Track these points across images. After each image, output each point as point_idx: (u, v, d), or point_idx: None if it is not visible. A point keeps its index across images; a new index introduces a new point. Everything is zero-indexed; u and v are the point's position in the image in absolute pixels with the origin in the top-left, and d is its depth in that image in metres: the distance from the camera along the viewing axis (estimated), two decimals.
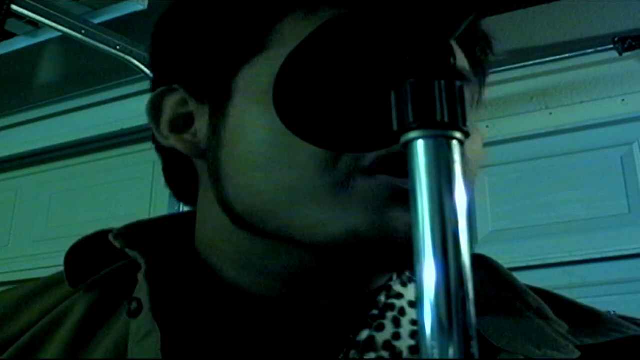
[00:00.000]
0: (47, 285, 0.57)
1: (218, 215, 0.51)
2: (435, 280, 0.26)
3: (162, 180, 0.59)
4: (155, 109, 0.55)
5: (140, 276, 0.50)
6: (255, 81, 0.49)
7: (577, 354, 0.47)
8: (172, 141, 0.53)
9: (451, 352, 0.26)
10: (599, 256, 1.83)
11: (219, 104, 0.51)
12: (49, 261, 1.87)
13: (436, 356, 0.26)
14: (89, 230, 0.54)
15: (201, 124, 0.52)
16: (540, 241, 1.87)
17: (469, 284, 0.27)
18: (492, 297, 0.51)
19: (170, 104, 0.54)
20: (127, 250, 0.52)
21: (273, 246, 0.49)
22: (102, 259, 0.55)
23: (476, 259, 0.55)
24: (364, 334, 0.48)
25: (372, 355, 0.47)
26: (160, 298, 0.49)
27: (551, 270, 1.79)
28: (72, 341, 0.51)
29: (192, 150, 0.53)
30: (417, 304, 0.27)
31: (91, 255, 0.54)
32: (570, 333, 0.49)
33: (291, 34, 0.48)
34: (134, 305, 0.48)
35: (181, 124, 0.53)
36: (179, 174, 0.57)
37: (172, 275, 0.53)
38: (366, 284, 0.52)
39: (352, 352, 0.47)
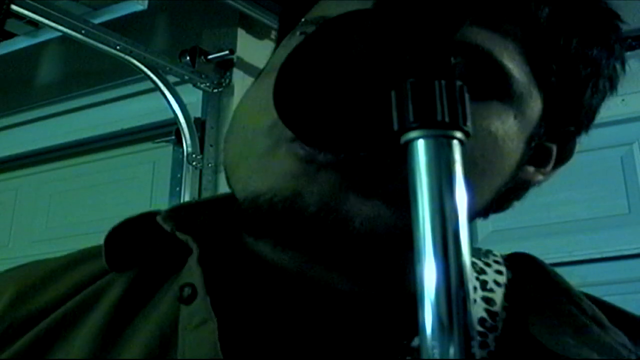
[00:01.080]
0: (76, 260, 0.56)
1: None
2: (435, 280, 0.26)
3: (162, 180, 0.59)
4: None
5: (193, 261, 0.48)
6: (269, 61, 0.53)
7: None
8: None
9: (451, 352, 0.26)
10: (599, 256, 1.83)
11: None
12: None
13: (436, 356, 0.26)
14: (89, 230, 0.54)
15: None
16: (540, 241, 1.87)
17: (469, 284, 0.27)
18: (544, 299, 0.49)
19: None
20: (177, 233, 0.50)
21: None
22: (143, 240, 0.53)
23: (520, 257, 0.54)
24: (418, 341, 0.45)
25: None
26: (211, 284, 0.47)
27: None
28: (109, 322, 0.49)
29: None
30: (417, 303, 0.27)
31: (132, 237, 0.53)
32: (630, 343, 0.47)
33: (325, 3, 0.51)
34: (188, 291, 0.46)
35: None
36: None
37: (221, 261, 0.51)
38: (398, 278, 0.49)
39: (408, 358, 0.45)
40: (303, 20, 0.50)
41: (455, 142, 0.28)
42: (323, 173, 0.44)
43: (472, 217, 0.50)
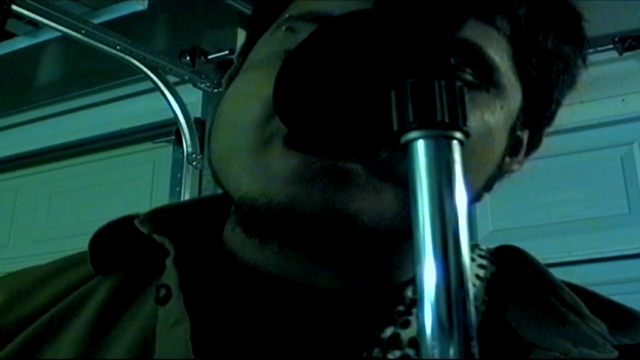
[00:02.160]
0: (65, 265, 0.56)
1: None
2: (435, 280, 0.26)
3: (162, 180, 0.59)
4: None
5: (169, 262, 0.49)
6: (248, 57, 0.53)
7: (615, 353, 0.44)
8: None
9: (451, 352, 0.26)
10: (599, 256, 1.83)
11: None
12: (49, 261, 1.86)
13: (436, 356, 0.26)
14: (89, 230, 0.54)
15: None
16: (540, 241, 1.87)
17: (469, 284, 0.27)
18: (525, 291, 0.50)
19: None
20: (154, 235, 0.51)
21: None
22: (127, 243, 0.54)
23: (507, 250, 0.54)
24: (388, 331, 0.47)
25: (397, 353, 0.46)
26: (188, 285, 0.48)
27: (551, 270, 1.79)
28: (94, 326, 0.50)
29: None
30: (417, 303, 0.27)
31: (116, 240, 0.53)
32: (607, 332, 0.47)
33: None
34: (163, 292, 0.47)
35: None
36: None
37: (200, 262, 0.52)
38: (389, 273, 0.50)
39: (376, 350, 0.46)
40: (287, 16, 0.50)
41: (455, 142, 0.28)
42: (319, 179, 0.44)
43: None
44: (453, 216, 0.27)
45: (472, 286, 0.50)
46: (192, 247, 0.52)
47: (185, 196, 1.95)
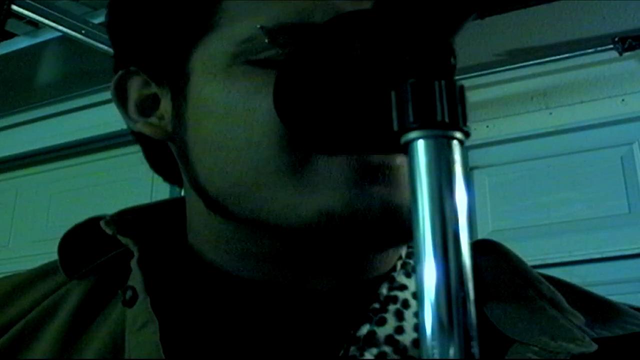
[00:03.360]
0: (42, 273, 0.56)
1: (195, 199, 0.51)
2: (435, 280, 0.26)
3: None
4: (120, 92, 0.54)
5: (133, 264, 0.49)
6: (209, 62, 0.48)
7: (594, 346, 0.45)
8: (140, 125, 0.52)
9: (451, 352, 0.26)
10: (599, 256, 1.83)
11: (177, 86, 0.50)
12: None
13: (436, 356, 0.26)
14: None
15: (165, 106, 0.52)
16: (540, 241, 1.87)
17: (469, 284, 0.27)
18: (503, 284, 0.50)
19: (135, 86, 0.53)
20: (119, 237, 0.51)
21: (251, 229, 0.48)
22: (98, 246, 0.53)
23: (484, 244, 0.54)
24: (364, 329, 0.47)
25: (374, 350, 0.46)
26: (155, 286, 0.48)
27: (551, 270, 1.78)
28: (67, 331, 0.50)
29: (161, 134, 0.52)
30: (417, 303, 0.27)
31: (86, 243, 0.53)
32: (586, 325, 0.47)
33: (238, 11, 0.47)
34: (129, 293, 0.47)
35: (147, 106, 0.52)
36: (159, 158, 0.56)
37: (164, 263, 0.51)
38: (362, 268, 0.50)
39: (352, 348, 0.46)
40: (259, 26, 0.46)
41: (455, 142, 0.28)
42: (378, 176, 0.45)
43: None
44: (453, 216, 0.27)
45: None
46: (157, 248, 0.52)
47: None
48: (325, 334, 0.48)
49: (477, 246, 0.54)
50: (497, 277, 0.50)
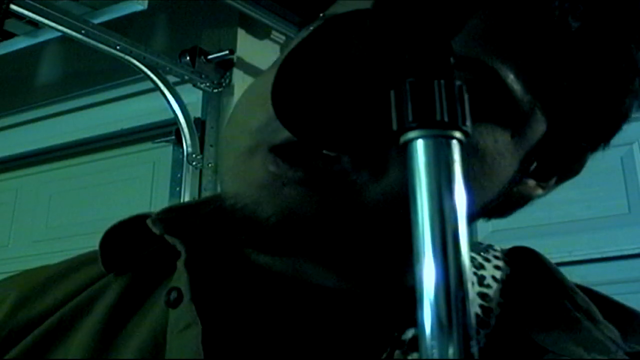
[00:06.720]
0: (76, 265, 0.56)
1: None
2: (434, 280, 0.26)
3: (162, 180, 0.58)
4: None
5: (180, 264, 0.48)
6: None
7: None
8: None
9: (451, 351, 0.26)
10: (599, 256, 1.83)
11: None
12: (49, 261, 1.86)
13: (436, 356, 0.26)
14: (89, 230, 0.54)
15: None
16: (540, 241, 1.87)
17: (468, 284, 0.27)
18: (539, 294, 0.49)
19: None
20: (166, 236, 0.50)
21: None
22: (138, 242, 0.53)
23: (522, 251, 0.54)
24: (410, 333, 0.46)
25: (417, 355, 0.45)
26: (200, 287, 0.47)
27: None
28: (104, 327, 0.49)
29: None
30: (417, 303, 0.27)
31: (127, 239, 0.53)
32: (620, 338, 0.46)
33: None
34: (174, 295, 0.47)
35: None
36: None
37: (211, 263, 0.51)
38: (395, 272, 0.49)
39: (397, 352, 0.45)
40: (321, 15, 0.49)
41: (454, 142, 0.28)
42: (288, 188, 0.44)
43: None
44: (453, 216, 0.27)
45: (487, 287, 0.50)
46: (204, 248, 0.51)
47: (185, 196, 1.95)
48: (368, 335, 0.47)
49: (514, 253, 0.54)
50: (534, 286, 0.50)
